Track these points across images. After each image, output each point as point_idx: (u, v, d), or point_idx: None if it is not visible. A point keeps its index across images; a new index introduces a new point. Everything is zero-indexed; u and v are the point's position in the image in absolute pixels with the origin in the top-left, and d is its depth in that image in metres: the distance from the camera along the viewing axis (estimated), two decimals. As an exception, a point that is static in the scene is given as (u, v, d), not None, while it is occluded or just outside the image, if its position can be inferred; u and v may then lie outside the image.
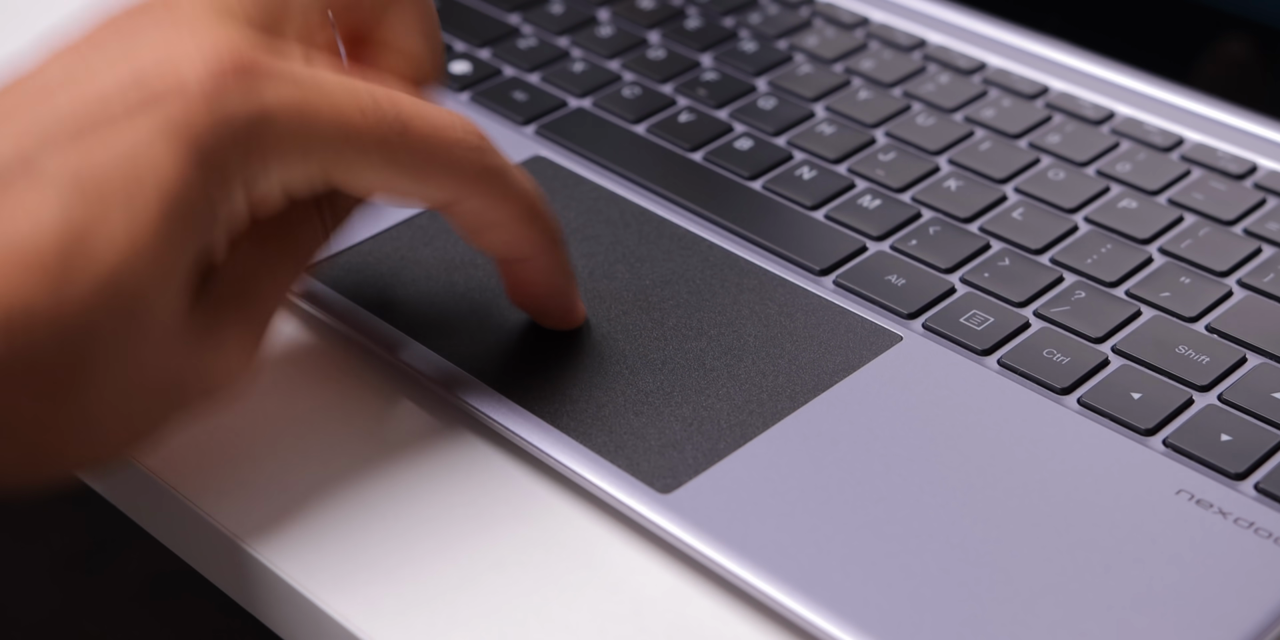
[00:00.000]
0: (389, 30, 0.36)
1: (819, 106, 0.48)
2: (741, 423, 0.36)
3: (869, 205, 0.44)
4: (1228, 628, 0.32)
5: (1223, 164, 0.45)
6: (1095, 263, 0.42)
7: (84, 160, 0.29)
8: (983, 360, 0.38)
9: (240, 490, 0.36)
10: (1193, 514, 0.34)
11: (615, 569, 0.34)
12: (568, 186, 0.44)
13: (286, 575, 0.34)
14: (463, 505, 0.36)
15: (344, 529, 0.35)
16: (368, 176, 0.32)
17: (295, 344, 0.40)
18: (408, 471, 0.37)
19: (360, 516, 0.35)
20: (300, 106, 0.31)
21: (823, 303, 0.40)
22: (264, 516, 0.36)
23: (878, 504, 0.34)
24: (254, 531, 0.35)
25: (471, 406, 0.37)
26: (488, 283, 0.40)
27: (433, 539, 0.35)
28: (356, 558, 0.35)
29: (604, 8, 0.53)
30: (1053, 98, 0.49)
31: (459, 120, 0.33)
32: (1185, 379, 0.38)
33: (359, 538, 0.35)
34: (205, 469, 0.37)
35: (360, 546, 0.35)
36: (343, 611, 0.33)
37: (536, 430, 0.36)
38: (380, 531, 0.35)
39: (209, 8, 0.32)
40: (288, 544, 0.35)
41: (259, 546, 0.35)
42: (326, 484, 0.36)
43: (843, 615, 0.32)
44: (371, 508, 0.36)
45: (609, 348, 0.38)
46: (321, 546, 0.35)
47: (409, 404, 0.38)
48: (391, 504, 0.36)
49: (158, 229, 0.29)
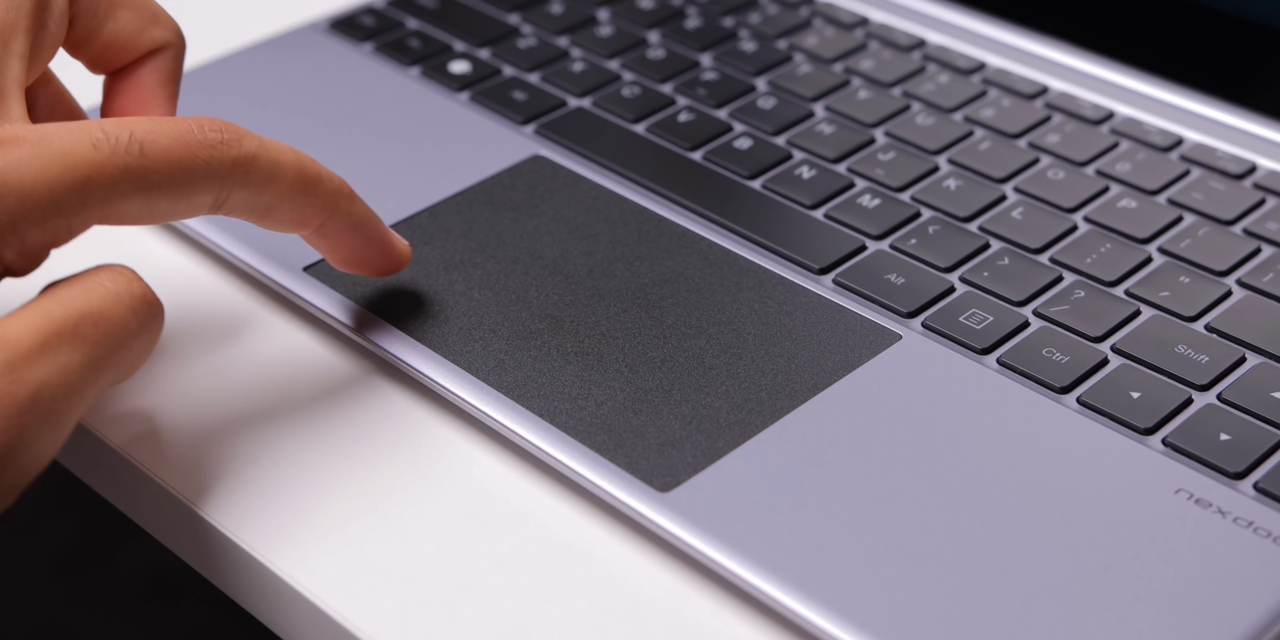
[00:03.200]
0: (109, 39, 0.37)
1: (819, 106, 0.48)
2: (741, 421, 0.36)
3: (868, 204, 0.44)
4: (1227, 627, 0.32)
5: (1222, 164, 0.45)
6: (1095, 262, 0.42)
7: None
8: (982, 359, 0.38)
9: (240, 490, 0.36)
10: (1192, 513, 0.34)
11: (614, 568, 0.34)
12: (567, 186, 0.44)
13: (286, 575, 0.34)
14: (462, 504, 0.36)
15: (344, 529, 0.35)
16: (126, 208, 0.32)
17: (295, 345, 0.40)
18: (407, 471, 0.37)
19: (360, 517, 0.35)
20: (30, 163, 0.30)
21: (822, 301, 0.40)
22: (264, 516, 0.36)
23: (877, 503, 0.34)
24: (254, 531, 0.35)
25: (471, 404, 0.37)
26: (486, 282, 0.40)
27: (433, 538, 0.35)
28: (356, 557, 0.35)
29: (604, 8, 0.53)
30: (1052, 98, 0.49)
31: (195, 122, 0.33)
32: (1184, 378, 0.38)
33: (359, 538, 0.35)
34: (205, 470, 0.37)
35: (361, 546, 0.35)
36: (342, 611, 0.33)
37: (535, 428, 0.36)
38: (380, 531, 0.35)
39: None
40: (288, 544, 0.35)
41: (259, 546, 0.35)
42: (326, 484, 0.36)
43: (842, 614, 0.32)
44: (370, 507, 0.36)
45: (608, 346, 0.38)
46: (321, 546, 0.35)
47: (408, 403, 0.38)
48: (391, 504, 0.36)
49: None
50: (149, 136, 0.32)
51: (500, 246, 0.42)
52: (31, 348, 0.30)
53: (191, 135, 0.32)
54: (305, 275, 0.40)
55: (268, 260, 0.41)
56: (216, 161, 0.33)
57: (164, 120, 0.33)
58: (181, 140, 0.32)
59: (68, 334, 0.30)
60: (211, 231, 0.42)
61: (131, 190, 0.32)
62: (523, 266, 0.41)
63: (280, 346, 0.40)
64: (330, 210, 0.36)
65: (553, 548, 0.35)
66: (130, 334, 0.32)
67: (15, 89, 0.33)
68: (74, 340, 0.30)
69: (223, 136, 0.33)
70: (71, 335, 0.30)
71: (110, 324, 0.31)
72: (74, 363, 0.30)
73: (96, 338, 0.31)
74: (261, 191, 0.34)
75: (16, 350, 0.29)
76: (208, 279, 0.42)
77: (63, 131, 0.31)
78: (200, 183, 0.33)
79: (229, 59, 0.50)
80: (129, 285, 0.32)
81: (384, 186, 0.44)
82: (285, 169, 0.34)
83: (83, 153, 0.31)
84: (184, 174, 0.32)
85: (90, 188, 0.31)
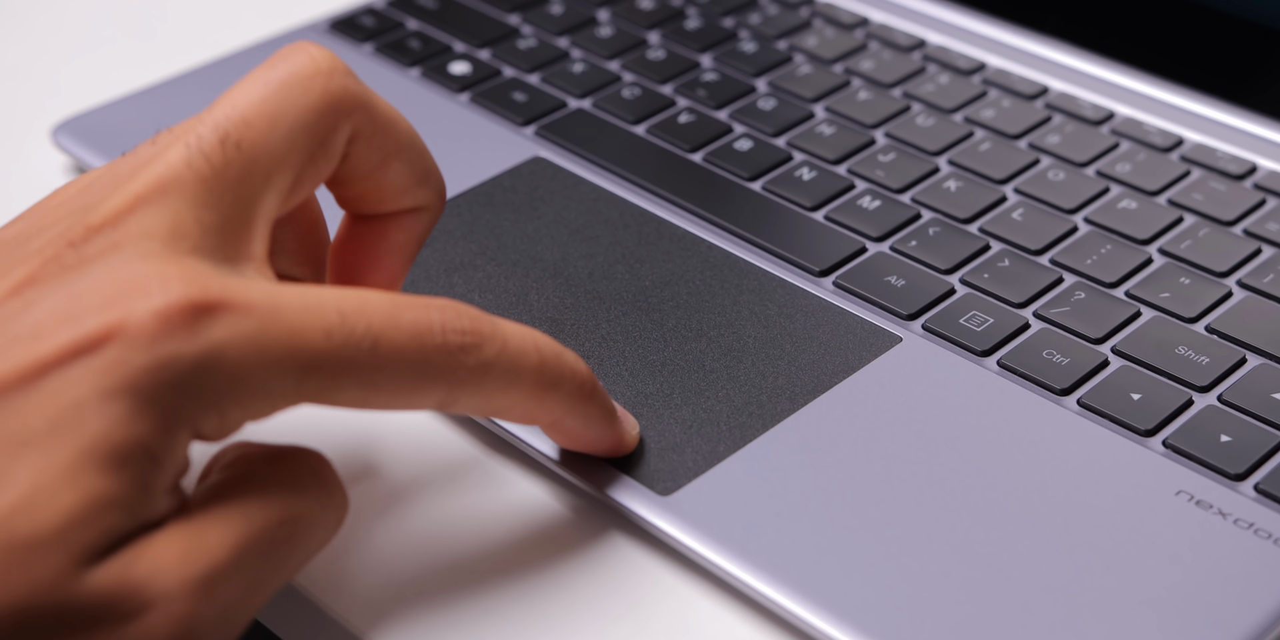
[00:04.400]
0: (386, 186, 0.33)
1: (819, 107, 0.48)
2: (741, 425, 0.36)
3: (869, 206, 0.44)
4: (1227, 628, 0.32)
5: (1222, 164, 0.45)
6: (1095, 263, 0.42)
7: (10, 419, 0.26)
8: (982, 361, 0.38)
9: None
10: (1192, 515, 0.34)
11: (615, 571, 0.34)
12: (567, 187, 0.44)
13: (287, 577, 0.34)
14: (462, 507, 0.36)
15: (344, 529, 0.35)
16: (341, 398, 0.29)
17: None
18: (406, 473, 0.37)
19: (359, 517, 0.35)
20: (255, 341, 0.27)
21: (822, 304, 0.40)
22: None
23: (878, 505, 0.34)
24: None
25: (471, 408, 0.37)
26: (487, 284, 0.40)
27: (432, 540, 0.35)
28: (357, 558, 0.35)
29: (604, 8, 0.53)
30: (1052, 98, 0.49)
31: (439, 318, 0.30)
32: (1185, 380, 0.38)
33: (359, 538, 0.35)
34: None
35: (361, 547, 0.35)
36: (342, 611, 0.33)
37: (534, 431, 0.36)
38: (380, 531, 0.35)
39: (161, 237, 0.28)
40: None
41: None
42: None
43: (843, 617, 0.32)
44: (369, 510, 0.36)
45: (608, 349, 0.38)
46: (322, 548, 0.35)
47: (409, 406, 0.38)
48: (389, 506, 0.36)
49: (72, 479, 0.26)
50: (386, 333, 0.29)
51: (500, 249, 0.42)
52: (228, 562, 0.27)
53: (432, 337, 0.29)
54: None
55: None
56: (452, 368, 0.30)
57: (404, 309, 0.29)
58: (419, 340, 0.29)
59: (264, 545, 0.28)
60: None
61: (350, 386, 0.29)
62: (523, 269, 0.41)
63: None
64: (565, 412, 0.32)
65: (552, 551, 0.35)
66: (324, 537, 0.30)
67: (263, 227, 0.30)
68: (269, 552, 0.28)
69: (464, 340, 0.30)
70: (268, 546, 0.28)
71: (309, 527, 0.29)
72: (264, 574, 0.28)
73: (292, 546, 0.29)
74: (491, 400, 0.31)
75: (214, 566, 0.27)
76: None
77: (298, 307, 0.28)
78: (427, 389, 0.30)
79: (229, 59, 0.50)
80: (327, 482, 0.30)
81: (384, 189, 0.44)
82: (525, 376, 0.31)
83: (313, 339, 0.28)
84: (413, 378, 0.29)
85: (308, 377, 0.28)
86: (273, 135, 0.30)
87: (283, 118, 0.30)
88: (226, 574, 0.27)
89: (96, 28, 0.55)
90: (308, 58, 0.31)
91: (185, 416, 0.27)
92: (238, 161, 0.29)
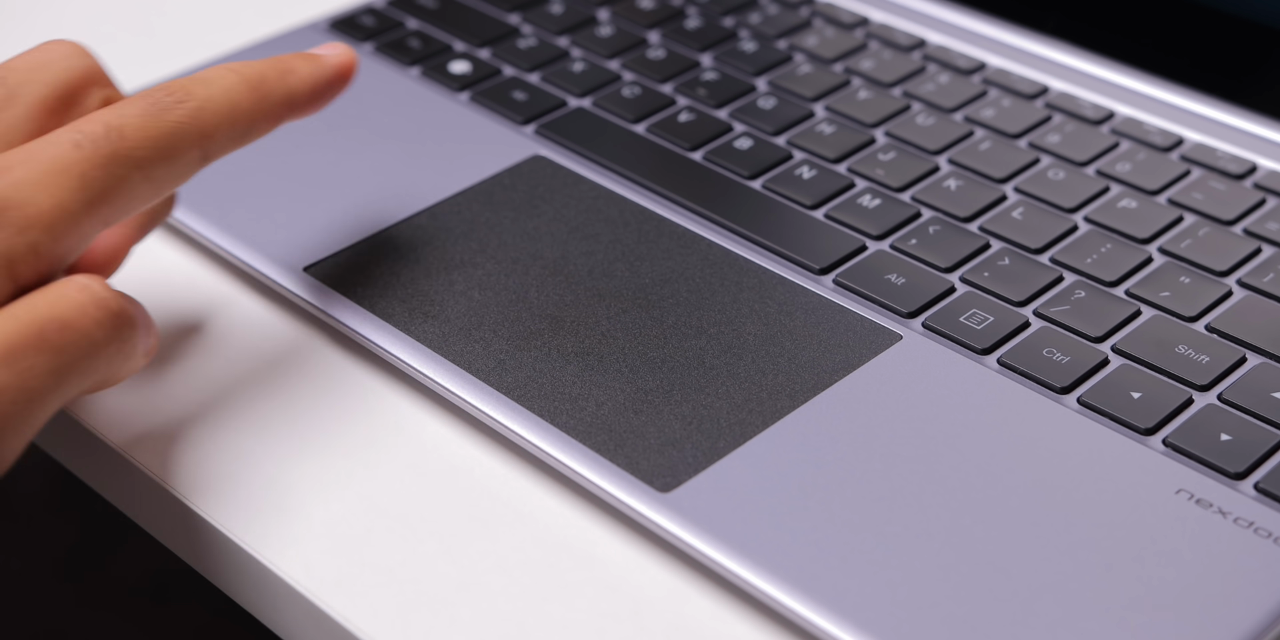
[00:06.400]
0: None
1: (819, 106, 0.48)
2: (741, 421, 0.36)
3: (869, 204, 0.44)
4: (1227, 628, 0.32)
5: (1222, 164, 0.45)
6: (1095, 262, 0.42)
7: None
8: (982, 359, 0.38)
9: (240, 490, 0.36)
10: (1192, 514, 0.34)
11: (615, 568, 0.34)
12: (567, 186, 0.44)
13: (286, 574, 0.34)
14: (463, 505, 0.36)
15: (345, 529, 0.35)
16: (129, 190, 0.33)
17: (295, 345, 0.40)
18: (406, 470, 0.37)
19: (360, 517, 0.35)
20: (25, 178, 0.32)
21: (822, 302, 0.40)
22: (264, 517, 0.36)
23: (877, 503, 0.34)
24: (254, 531, 0.35)
25: (472, 405, 0.37)
26: (487, 282, 0.40)
27: (433, 538, 0.35)
28: (357, 558, 0.35)
29: (604, 8, 0.53)
30: (1052, 98, 0.49)
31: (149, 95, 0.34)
32: (1185, 378, 0.38)
33: (360, 538, 0.35)
34: (204, 469, 0.37)
35: (361, 547, 0.35)
36: (342, 611, 0.33)
37: (536, 428, 0.36)
38: (381, 532, 0.35)
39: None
40: (289, 544, 0.35)
41: (258, 546, 0.35)
42: (326, 484, 0.36)
43: (842, 614, 0.32)
44: (371, 508, 0.36)
45: (609, 346, 0.38)
46: (322, 546, 0.35)
47: (408, 404, 0.38)
48: (391, 504, 0.36)
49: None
50: (121, 120, 0.33)
51: (500, 247, 0.42)
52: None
53: (156, 105, 0.34)
54: (305, 275, 0.40)
55: (268, 260, 0.41)
56: (188, 117, 0.34)
57: (124, 104, 0.34)
58: (149, 113, 0.34)
59: (32, 340, 0.31)
60: (213, 232, 0.42)
61: (126, 172, 0.33)
62: (523, 267, 0.41)
63: (280, 347, 0.40)
64: (291, 91, 0.37)
65: (553, 548, 0.35)
66: (97, 344, 0.32)
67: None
68: (39, 347, 0.31)
69: (174, 95, 0.34)
70: (36, 342, 0.31)
71: (75, 333, 0.31)
72: (36, 369, 0.31)
73: (61, 346, 0.31)
74: (235, 123, 0.35)
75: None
76: (209, 280, 0.42)
77: (42, 144, 0.32)
78: (182, 142, 0.34)
79: (229, 58, 0.50)
80: (97, 295, 0.32)
81: (384, 187, 0.44)
82: (237, 91, 0.35)
83: (70, 154, 0.32)
84: (166, 140, 0.34)
85: (89, 182, 0.32)
86: None
87: None
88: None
89: (96, 25, 0.55)
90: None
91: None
92: None
